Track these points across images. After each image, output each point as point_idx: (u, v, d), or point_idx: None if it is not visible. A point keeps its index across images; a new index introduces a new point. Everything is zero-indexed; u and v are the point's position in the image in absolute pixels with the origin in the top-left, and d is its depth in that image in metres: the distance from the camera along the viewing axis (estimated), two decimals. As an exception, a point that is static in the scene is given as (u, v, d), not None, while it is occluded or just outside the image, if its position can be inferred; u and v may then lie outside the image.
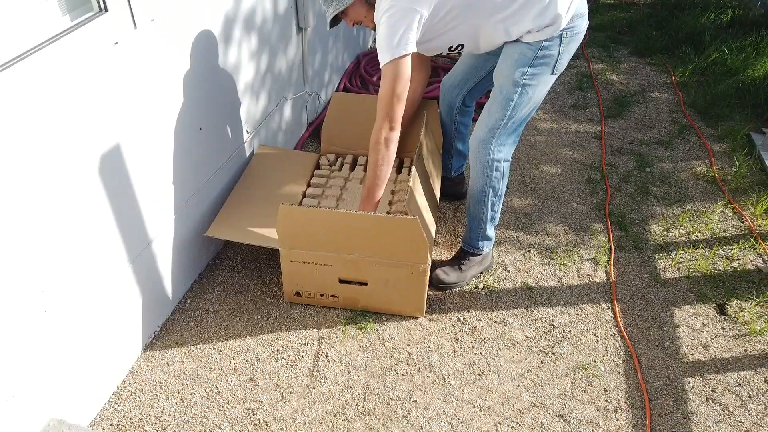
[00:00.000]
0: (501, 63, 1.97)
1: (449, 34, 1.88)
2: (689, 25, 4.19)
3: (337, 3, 1.91)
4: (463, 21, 1.84)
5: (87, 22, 1.59)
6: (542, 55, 1.87)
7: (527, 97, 1.94)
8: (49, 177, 1.51)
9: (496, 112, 1.99)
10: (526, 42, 1.87)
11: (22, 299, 1.49)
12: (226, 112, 2.32)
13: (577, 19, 1.86)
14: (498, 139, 2.04)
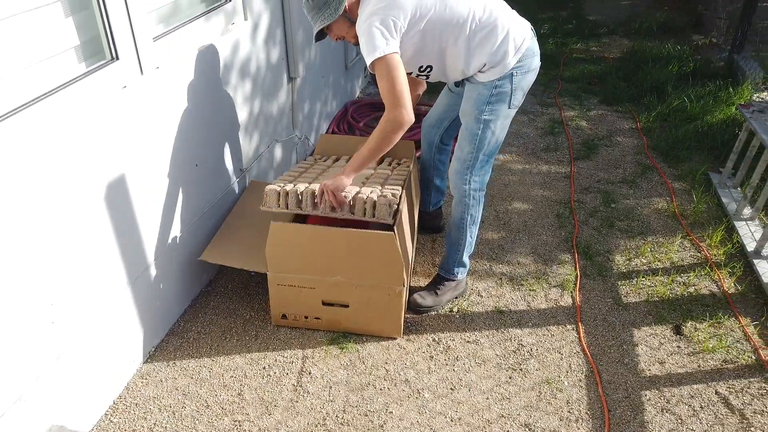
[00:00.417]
0: (464, 104, 2.22)
1: (420, 53, 2.10)
2: (653, 77, 4.51)
3: (323, 18, 2.08)
4: (433, 42, 2.07)
5: (100, 68, 1.83)
6: (497, 93, 2.13)
7: (490, 131, 2.18)
8: (62, 202, 1.71)
9: (466, 147, 2.23)
10: (482, 82, 2.13)
11: (33, 310, 1.66)
12: (220, 151, 2.54)
13: (526, 59, 2.12)
14: (472, 171, 2.27)
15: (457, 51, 2.09)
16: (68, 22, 1.75)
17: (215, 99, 2.44)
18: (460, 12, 2.04)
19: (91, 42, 1.84)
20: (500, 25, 2.06)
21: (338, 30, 2.14)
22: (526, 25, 2.16)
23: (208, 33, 2.35)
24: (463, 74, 2.19)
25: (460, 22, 2.04)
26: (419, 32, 2.04)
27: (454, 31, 2.05)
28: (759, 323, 2.42)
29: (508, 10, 2.14)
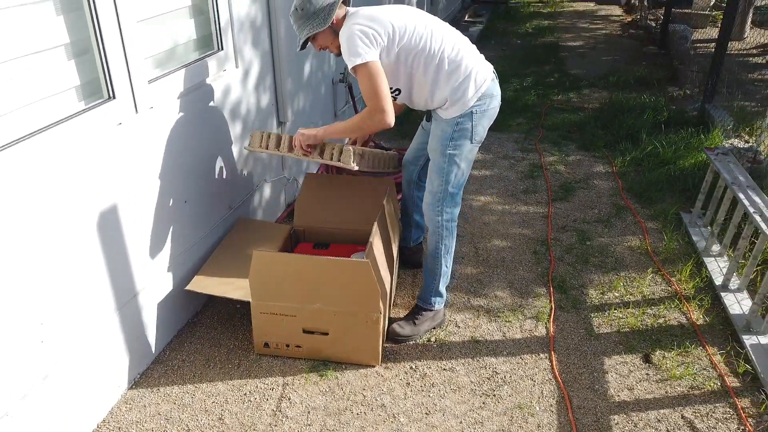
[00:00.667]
0: (430, 141, 2.40)
1: (391, 75, 2.27)
2: (629, 125, 4.73)
3: (312, 27, 2.25)
4: (405, 66, 2.26)
5: (98, 105, 1.99)
6: (459, 129, 2.30)
7: (456, 165, 2.34)
8: (56, 227, 1.83)
9: (435, 180, 2.38)
10: (445, 119, 2.31)
11: (23, 328, 1.76)
12: (210, 189, 2.68)
13: (485, 98, 2.31)
14: (443, 203, 2.42)
15: (423, 80, 2.28)
16: (71, 64, 1.92)
17: (206, 139, 2.60)
18: (433, 46, 2.24)
19: (91, 83, 2.01)
20: (465, 65, 2.26)
21: (323, 40, 2.31)
22: (489, 68, 2.36)
23: (201, 77, 2.54)
24: (426, 104, 2.38)
25: (430, 55, 2.24)
26: (394, 54, 2.23)
27: (424, 61, 2.25)
28: (725, 352, 2.50)
29: (475, 52, 2.34)
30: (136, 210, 2.20)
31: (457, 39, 2.33)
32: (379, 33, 2.16)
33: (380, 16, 2.20)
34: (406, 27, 2.22)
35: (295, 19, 2.29)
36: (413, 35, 2.22)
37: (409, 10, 2.33)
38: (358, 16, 2.21)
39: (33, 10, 1.74)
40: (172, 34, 2.40)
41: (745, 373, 2.39)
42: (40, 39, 1.77)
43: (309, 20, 2.24)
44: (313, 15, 2.23)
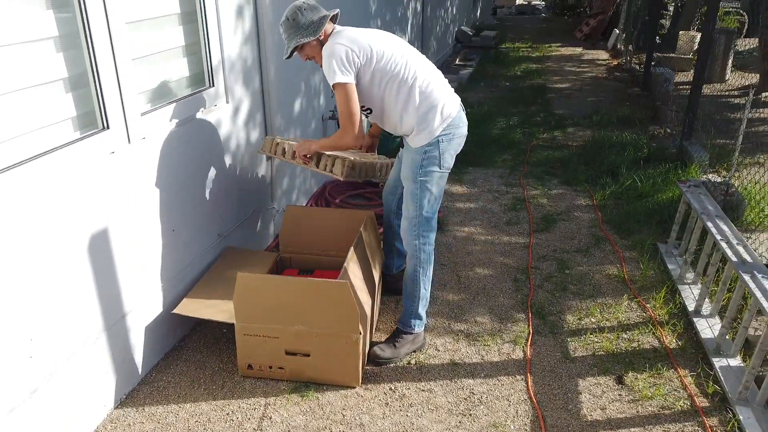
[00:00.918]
0: (402, 169, 2.56)
1: (364, 94, 2.45)
2: (610, 161, 4.90)
3: (301, 37, 2.42)
4: (378, 88, 2.44)
5: (93, 135, 2.13)
6: (427, 157, 2.45)
7: (428, 191, 2.48)
8: (49, 246, 1.94)
9: (410, 206, 2.51)
10: (414, 147, 2.47)
11: (12, 342, 1.85)
12: (199, 218, 2.80)
13: (451, 128, 2.48)
14: (419, 228, 2.54)
15: (394, 105, 2.45)
16: (68, 97, 2.07)
17: (195, 170, 2.73)
18: (406, 74, 2.42)
19: (87, 114, 2.15)
20: (435, 96, 2.44)
21: (310, 51, 2.48)
22: (456, 100, 2.54)
23: (192, 112, 2.69)
24: (394, 129, 2.54)
25: (403, 81, 2.42)
26: (369, 75, 2.40)
27: (396, 87, 2.42)
28: (695, 374, 2.58)
29: (446, 86, 2.53)
30: (126, 235, 2.31)
31: (431, 71, 2.51)
32: (357, 54, 2.35)
33: (361, 38, 2.39)
34: (384, 52, 2.40)
35: (285, 28, 2.47)
36: (389, 61, 2.40)
37: (391, 37, 2.52)
38: (341, 36, 2.39)
39: (35, 47, 1.89)
40: (165, 71, 2.56)
41: (714, 393, 2.46)
42: (41, 73, 1.92)
43: (299, 31, 2.42)
44: (303, 26, 2.42)
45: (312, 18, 2.42)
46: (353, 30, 2.46)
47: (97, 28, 2.07)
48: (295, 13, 2.42)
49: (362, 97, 2.46)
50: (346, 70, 2.33)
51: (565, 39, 12.36)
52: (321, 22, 2.42)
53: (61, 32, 1.99)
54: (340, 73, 2.32)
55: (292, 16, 2.43)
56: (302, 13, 2.41)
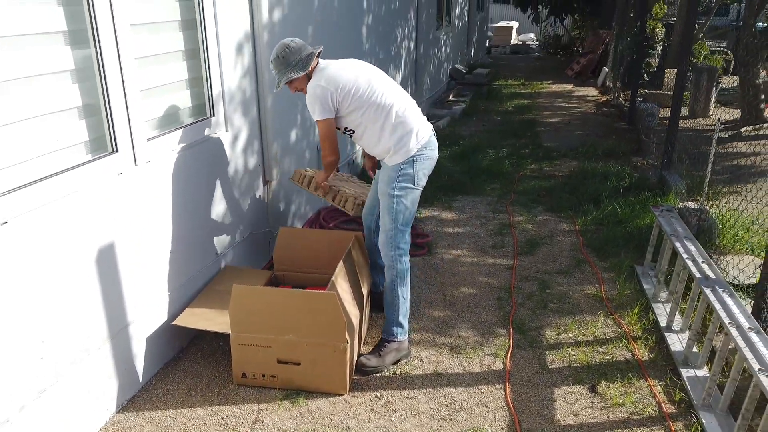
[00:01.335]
0: (379, 186, 2.81)
1: (346, 119, 2.74)
2: (593, 189, 5.12)
3: (291, 72, 2.69)
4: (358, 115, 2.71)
5: (102, 157, 2.35)
6: (402, 174, 2.70)
7: (402, 205, 2.72)
8: (62, 258, 2.13)
9: (386, 219, 2.74)
10: (390, 165, 2.70)
11: (25, 344, 2.02)
12: (198, 237, 3.00)
13: (425, 149, 2.74)
14: (394, 240, 2.76)
15: (372, 130, 2.73)
16: (82, 123, 2.29)
17: (196, 192, 2.94)
18: (384, 103, 2.69)
19: (97, 139, 2.37)
20: (410, 122, 2.71)
21: (299, 84, 2.75)
22: (429, 127, 2.81)
23: (194, 138, 2.91)
24: (371, 150, 2.80)
25: (381, 108, 2.69)
26: (350, 106, 2.68)
27: (374, 115, 2.70)
28: (664, 383, 2.73)
29: (419, 113, 2.80)
30: (131, 250, 2.50)
31: (405, 100, 2.78)
32: (338, 95, 2.64)
33: (342, 76, 2.66)
34: (362, 85, 2.67)
35: (276, 65, 2.73)
36: (367, 91, 2.67)
37: (369, 69, 2.79)
38: (323, 75, 2.67)
39: (53, 78, 2.12)
40: (170, 101, 2.80)
41: (681, 400, 2.61)
42: (59, 101, 2.15)
43: (289, 67, 2.70)
44: (292, 63, 2.69)
45: (300, 55, 2.69)
46: (335, 66, 2.73)
47: (109, 61, 2.31)
48: (284, 50, 2.69)
49: (345, 122, 2.75)
50: (327, 110, 2.66)
51: (557, 77, 12.76)
52: (309, 58, 2.70)
53: (78, 66, 2.23)
54: (320, 112, 2.66)
55: (282, 54, 2.70)
56: (291, 51, 2.69)
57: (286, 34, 3.70)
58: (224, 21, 3.03)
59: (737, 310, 2.53)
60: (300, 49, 2.70)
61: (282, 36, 3.62)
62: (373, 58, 5.80)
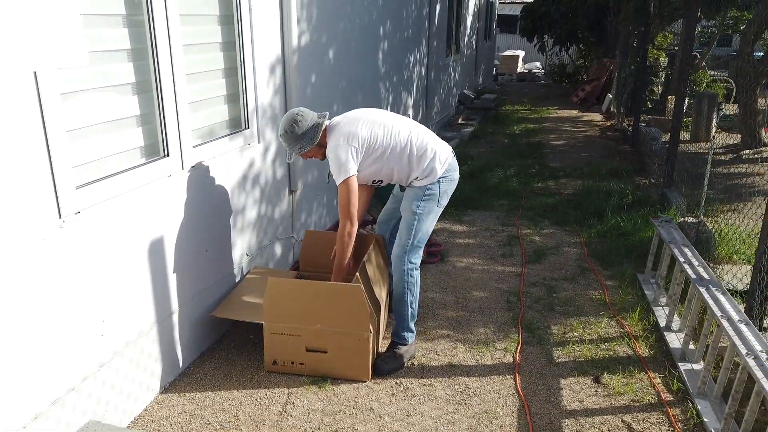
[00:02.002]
0: (403, 202, 2.99)
1: (374, 173, 2.91)
2: (596, 205, 5.38)
3: (302, 146, 2.82)
4: (383, 163, 2.88)
5: (156, 160, 2.63)
6: (428, 194, 2.91)
7: (422, 224, 2.92)
8: (120, 246, 2.41)
9: (404, 234, 2.95)
10: (418, 186, 2.92)
11: (89, 322, 2.28)
12: (232, 238, 3.26)
13: (450, 172, 2.95)
14: (409, 254, 2.96)
15: (399, 168, 2.91)
16: (138, 131, 2.58)
17: (231, 196, 3.22)
18: (402, 141, 2.87)
19: (152, 144, 2.66)
20: (429, 148, 2.91)
21: (310, 152, 2.89)
22: (448, 147, 3.02)
23: (232, 148, 3.21)
24: (402, 182, 2.98)
25: (402, 148, 2.87)
26: (373, 159, 2.85)
27: (397, 155, 2.87)
28: (663, 375, 2.95)
29: (433, 136, 3.01)
30: (176, 244, 2.77)
31: (419, 128, 2.98)
32: (358, 147, 2.77)
33: (358, 129, 2.79)
34: (377, 132, 2.83)
35: (285, 139, 2.84)
36: (384, 138, 2.83)
37: (375, 113, 2.94)
38: (340, 134, 2.78)
39: (117, 90, 2.42)
40: (212, 114, 3.10)
41: (678, 390, 2.82)
42: (122, 110, 2.45)
43: (298, 141, 2.80)
44: (301, 136, 2.80)
45: (307, 127, 2.79)
46: (346, 123, 2.84)
47: (165, 77, 2.61)
48: (291, 126, 2.79)
49: (373, 176, 2.92)
50: (352, 167, 2.75)
51: (563, 103, 13.12)
52: (316, 129, 2.80)
53: (138, 79, 2.53)
54: (346, 170, 2.73)
55: (290, 129, 2.79)
56: (298, 125, 2.78)
57: (313, 57, 4.03)
58: (259, 44, 3.35)
59: (729, 306, 2.77)
60: (306, 119, 2.80)
61: (308, 59, 3.96)
62: (388, 81, 6.14)
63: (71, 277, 2.17)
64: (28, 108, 1.93)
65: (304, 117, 2.82)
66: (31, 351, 2.03)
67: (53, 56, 1.62)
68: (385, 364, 2.97)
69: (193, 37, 2.85)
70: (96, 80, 2.29)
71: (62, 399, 2.17)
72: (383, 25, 5.79)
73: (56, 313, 2.12)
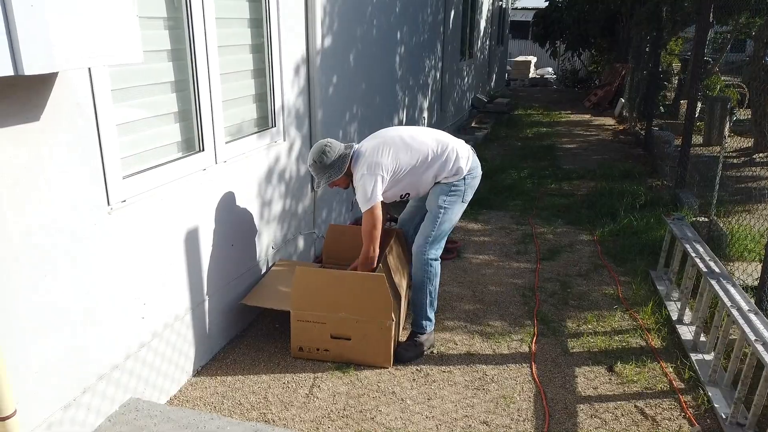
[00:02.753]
0: (429, 197, 3.12)
1: (401, 189, 3.05)
2: (609, 205, 5.48)
3: (330, 176, 2.98)
4: (409, 179, 3.02)
5: (192, 155, 2.79)
6: (454, 190, 3.05)
7: (447, 217, 3.05)
8: (159, 236, 2.56)
9: (428, 226, 3.07)
10: (445, 183, 3.05)
11: (131, 304, 2.43)
12: (259, 231, 3.41)
13: (474, 169, 3.10)
14: (431, 245, 3.07)
15: (425, 178, 3.05)
16: (176, 126, 2.74)
17: (258, 191, 3.37)
18: (423, 153, 3.00)
19: (189, 140, 2.82)
20: (450, 149, 3.04)
21: (337, 182, 3.04)
22: (467, 146, 3.15)
23: (260, 145, 3.36)
24: (431, 185, 3.11)
25: (425, 161, 3.00)
26: (398, 179, 2.99)
27: (422, 169, 3.02)
28: (675, 365, 3.05)
29: (453, 138, 3.14)
30: (209, 234, 2.92)
31: (434, 133, 3.11)
32: (384, 177, 2.92)
33: (381, 160, 2.91)
34: (401, 159, 2.95)
35: (314, 169, 3.00)
36: (409, 159, 2.96)
37: (399, 134, 3.05)
38: (365, 164, 2.91)
39: (158, 88, 2.58)
40: (242, 112, 3.25)
41: (690, 378, 2.92)
42: (162, 107, 2.61)
43: (326, 170, 2.96)
44: (329, 167, 2.95)
45: (334, 157, 2.95)
46: (370, 152, 2.95)
47: (201, 76, 2.77)
48: (320, 156, 2.95)
49: (400, 191, 3.06)
50: (379, 194, 2.89)
51: (575, 107, 13.21)
52: (343, 159, 2.95)
53: (176, 78, 2.69)
54: (373, 198, 2.87)
55: (318, 160, 2.95)
56: (327, 155, 2.94)
57: (335, 59, 4.18)
58: (286, 46, 3.51)
59: (739, 297, 2.87)
60: (335, 152, 2.95)
61: (331, 61, 4.11)
62: (404, 84, 6.29)
63: (117, 262, 2.33)
64: (84, 102, 2.09)
65: (332, 148, 2.97)
66: (82, 328, 2.18)
67: (113, 53, 1.77)
68: (406, 352, 3.09)
69: (227, 39, 3.00)
70: (139, 78, 2.45)
71: (108, 375, 2.32)
72: (400, 30, 5.94)
73: (104, 294, 2.27)
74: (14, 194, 1.87)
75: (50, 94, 1.95)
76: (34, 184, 1.94)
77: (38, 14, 1.57)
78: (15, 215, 1.87)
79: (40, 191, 1.96)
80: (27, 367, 1.97)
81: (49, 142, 1.98)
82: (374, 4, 4.99)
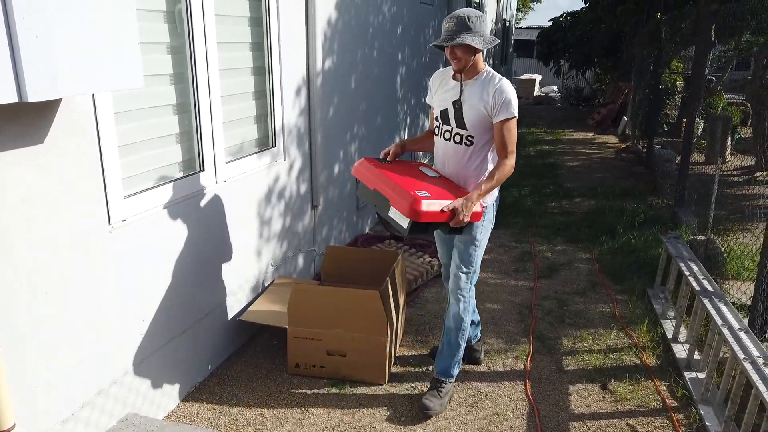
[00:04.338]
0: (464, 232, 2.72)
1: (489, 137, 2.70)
2: (609, 223, 5.51)
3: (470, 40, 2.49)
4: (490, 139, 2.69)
5: (193, 174, 2.87)
6: (487, 219, 2.78)
7: (481, 249, 2.82)
8: (160, 253, 2.63)
9: (466, 261, 2.80)
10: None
11: (130, 321, 2.49)
12: (258, 248, 3.48)
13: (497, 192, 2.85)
14: (471, 281, 2.85)
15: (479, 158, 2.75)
16: (177, 147, 2.82)
17: (258, 209, 3.44)
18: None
19: (189, 160, 2.90)
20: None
21: (464, 55, 2.56)
22: None
23: (260, 164, 3.44)
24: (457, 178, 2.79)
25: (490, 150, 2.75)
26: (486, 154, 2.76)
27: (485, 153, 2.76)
28: (668, 383, 3.07)
29: None
30: (208, 252, 2.99)
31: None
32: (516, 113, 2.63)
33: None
34: None
35: (458, 23, 2.52)
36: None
37: None
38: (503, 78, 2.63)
39: (160, 111, 2.67)
40: (242, 133, 3.34)
41: (683, 396, 2.94)
42: (163, 129, 2.69)
43: (472, 34, 2.52)
44: (477, 33, 2.53)
45: (486, 31, 2.58)
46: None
47: (202, 98, 2.86)
48: (478, 18, 2.54)
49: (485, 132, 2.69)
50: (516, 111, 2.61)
51: (578, 125, 13.27)
52: (493, 39, 2.58)
53: (178, 100, 2.78)
54: (514, 110, 2.59)
55: (473, 17, 2.53)
56: (481, 22, 2.55)
57: (335, 81, 4.28)
58: (287, 68, 3.60)
59: (730, 316, 2.89)
60: (486, 26, 2.57)
61: (331, 83, 4.20)
62: (406, 104, 6.38)
63: (117, 279, 2.39)
64: (87, 124, 2.18)
65: (485, 21, 2.62)
66: (82, 343, 2.24)
67: (115, 79, 1.86)
68: (431, 404, 2.80)
69: (228, 62, 3.10)
70: (142, 101, 2.54)
71: (106, 390, 2.38)
72: (401, 51, 6.05)
73: (105, 309, 2.34)
74: (20, 212, 1.94)
75: (55, 118, 2.04)
76: (40, 203, 2.01)
77: (43, 44, 1.65)
78: (20, 232, 1.95)
79: (45, 210, 2.04)
80: (27, 381, 2.03)
81: (54, 163, 2.06)
82: (375, 27, 5.10)
